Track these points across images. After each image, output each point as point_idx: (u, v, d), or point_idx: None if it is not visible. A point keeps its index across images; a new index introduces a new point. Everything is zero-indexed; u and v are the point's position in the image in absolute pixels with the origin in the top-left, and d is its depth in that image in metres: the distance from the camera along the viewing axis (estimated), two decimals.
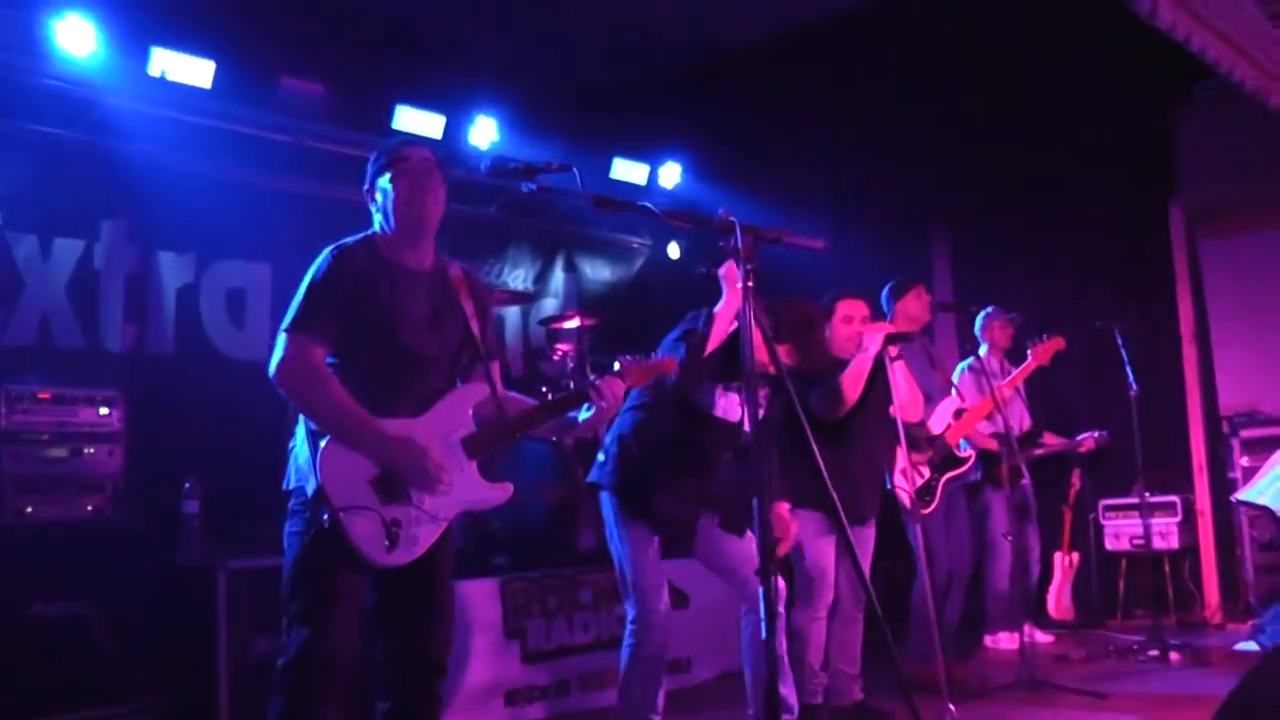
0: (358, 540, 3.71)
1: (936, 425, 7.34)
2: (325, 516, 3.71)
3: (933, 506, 7.16)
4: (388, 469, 3.79)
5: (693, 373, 5.01)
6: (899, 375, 6.12)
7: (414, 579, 3.92)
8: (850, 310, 6.25)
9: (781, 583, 5.29)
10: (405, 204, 4.00)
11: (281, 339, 3.84)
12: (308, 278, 3.91)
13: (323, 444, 3.77)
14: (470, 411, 4.06)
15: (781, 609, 5.34)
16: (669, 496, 5.22)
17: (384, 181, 4.04)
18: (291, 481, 3.93)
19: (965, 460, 7.39)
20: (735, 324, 5.02)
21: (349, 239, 4.02)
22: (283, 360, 3.81)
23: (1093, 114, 9.34)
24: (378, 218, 4.09)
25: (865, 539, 6.29)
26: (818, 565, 5.94)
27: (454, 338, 4.11)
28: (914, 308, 7.33)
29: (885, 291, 7.38)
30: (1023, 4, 8.30)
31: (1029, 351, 7.88)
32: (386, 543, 3.74)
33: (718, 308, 5.05)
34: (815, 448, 3.97)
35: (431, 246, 4.13)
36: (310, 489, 3.79)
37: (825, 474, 4.03)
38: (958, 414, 7.47)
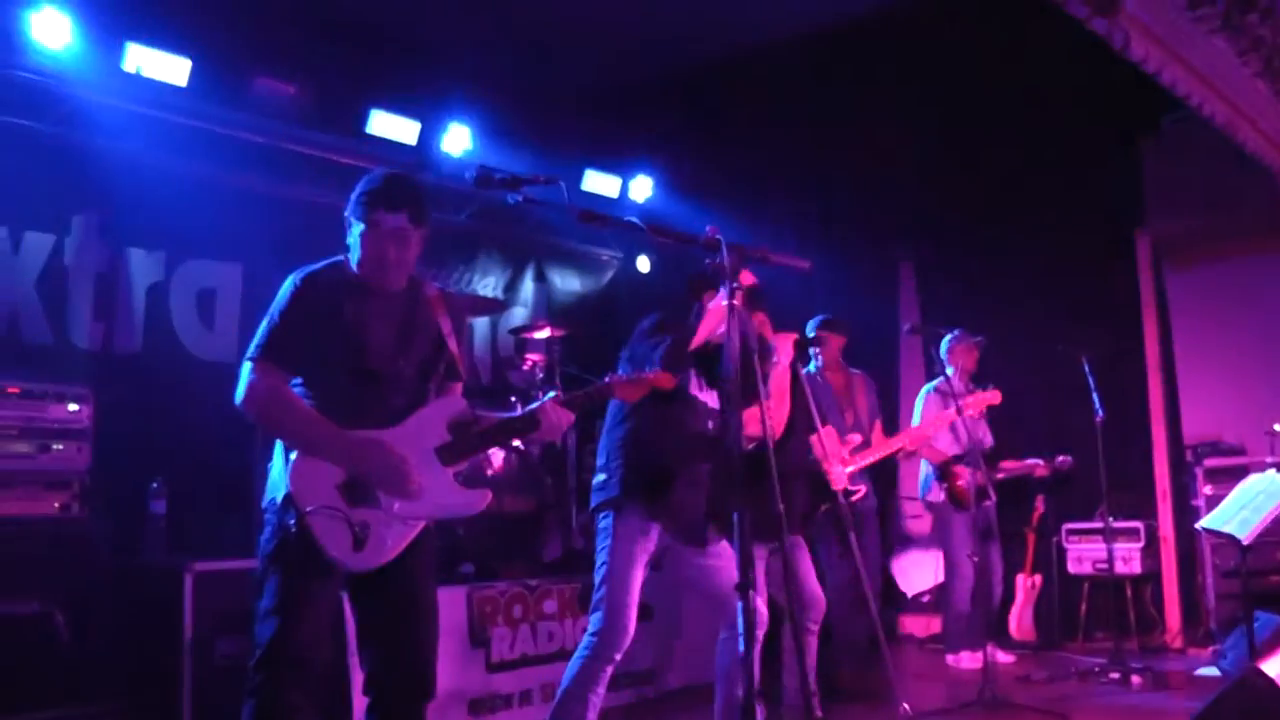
0: (324, 541, 3.72)
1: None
2: (292, 521, 3.72)
3: None
4: (354, 473, 3.81)
5: (677, 366, 5.01)
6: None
7: (394, 594, 3.92)
8: None
9: (761, 605, 5.21)
10: (369, 262, 4.02)
11: (246, 367, 3.89)
12: (272, 306, 3.94)
13: (293, 455, 3.81)
14: (445, 423, 4.06)
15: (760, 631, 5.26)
16: (685, 486, 5.16)
17: (356, 229, 4.03)
18: (266, 498, 3.93)
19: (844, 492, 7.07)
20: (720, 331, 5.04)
21: (316, 265, 4.04)
22: (247, 388, 3.86)
23: (1062, 144, 9.40)
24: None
25: (799, 555, 6.23)
26: None
27: (423, 356, 4.12)
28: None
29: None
30: (992, 32, 8.33)
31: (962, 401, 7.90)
32: (353, 544, 3.74)
33: (711, 304, 5.06)
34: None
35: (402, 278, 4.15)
36: (280, 497, 3.80)
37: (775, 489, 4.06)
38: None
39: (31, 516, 6.20)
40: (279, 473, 3.85)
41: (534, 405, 4.18)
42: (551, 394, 4.26)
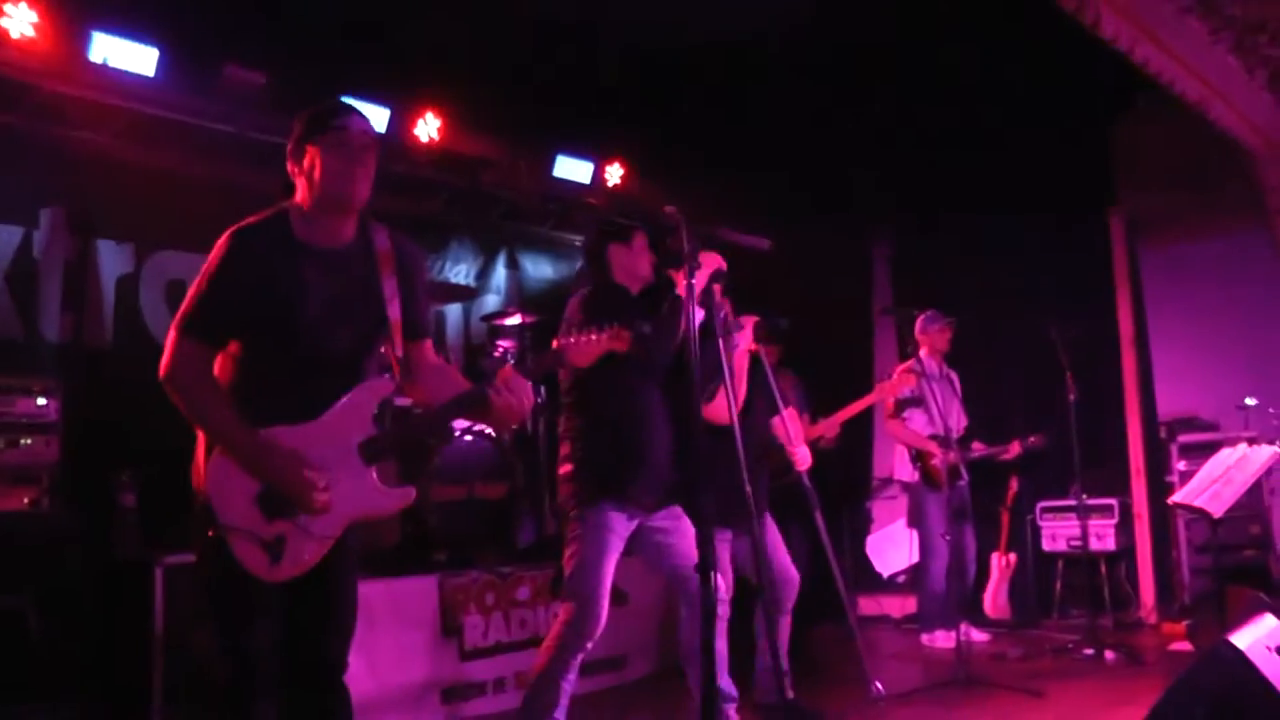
0: (242, 560, 3.56)
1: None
2: (211, 533, 3.57)
3: None
4: (271, 486, 3.60)
5: (662, 351, 4.98)
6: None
7: (310, 584, 3.69)
8: None
9: (722, 581, 5.18)
10: (333, 181, 3.67)
11: (171, 336, 3.62)
12: (203, 269, 3.65)
13: (212, 454, 3.63)
14: (371, 413, 3.79)
15: (724, 608, 5.27)
16: (651, 463, 5.15)
17: (313, 148, 3.69)
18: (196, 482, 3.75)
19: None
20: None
21: (255, 220, 3.72)
22: (170, 363, 3.61)
23: (1035, 122, 9.39)
24: (299, 183, 3.76)
25: (769, 535, 6.21)
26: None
27: (367, 326, 3.82)
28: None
29: None
30: (964, 12, 8.30)
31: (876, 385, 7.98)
32: (270, 560, 3.58)
33: (681, 289, 4.97)
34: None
35: (354, 220, 3.82)
36: (203, 497, 3.63)
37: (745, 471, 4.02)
38: None
39: (0, 511, 6.17)
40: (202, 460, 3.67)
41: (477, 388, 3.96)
42: (503, 365, 3.98)
